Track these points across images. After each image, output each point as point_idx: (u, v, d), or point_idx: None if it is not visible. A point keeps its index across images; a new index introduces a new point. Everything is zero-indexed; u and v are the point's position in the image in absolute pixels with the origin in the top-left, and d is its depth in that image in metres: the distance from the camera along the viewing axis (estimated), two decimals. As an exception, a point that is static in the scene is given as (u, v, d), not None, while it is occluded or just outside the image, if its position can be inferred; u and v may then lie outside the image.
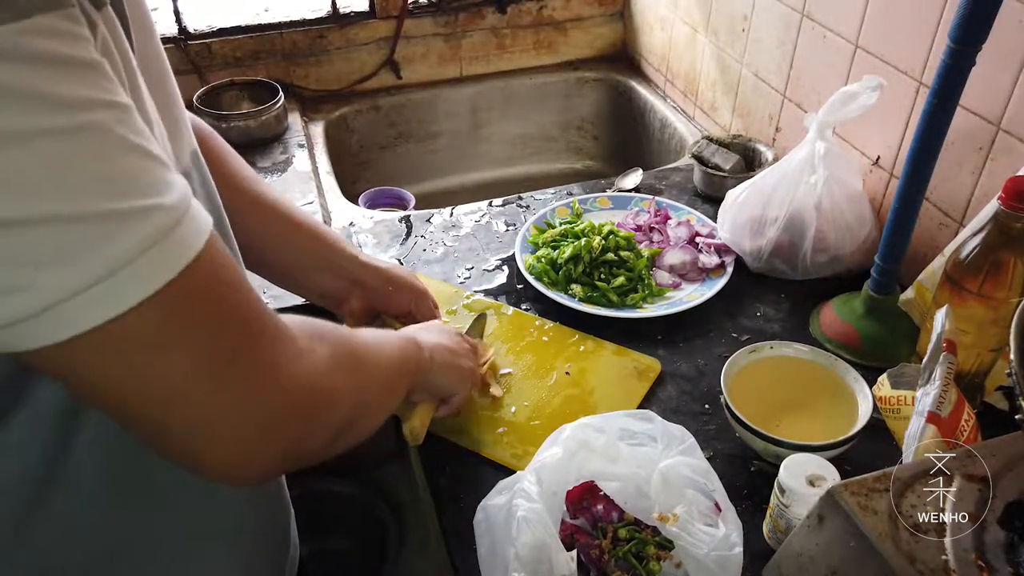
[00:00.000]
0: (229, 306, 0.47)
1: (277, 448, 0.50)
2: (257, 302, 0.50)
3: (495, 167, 2.01)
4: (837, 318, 1.07)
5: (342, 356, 0.58)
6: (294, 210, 0.88)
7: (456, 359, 0.85)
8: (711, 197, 1.38)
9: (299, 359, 0.52)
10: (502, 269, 1.22)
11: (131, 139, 0.42)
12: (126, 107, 0.42)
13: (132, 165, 0.41)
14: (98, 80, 0.41)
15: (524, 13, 1.87)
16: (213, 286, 0.46)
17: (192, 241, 0.44)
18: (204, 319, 0.45)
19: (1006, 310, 0.83)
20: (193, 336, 0.45)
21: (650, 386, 0.99)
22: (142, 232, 0.41)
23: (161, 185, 0.43)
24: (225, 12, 1.73)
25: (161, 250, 0.42)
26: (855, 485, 0.61)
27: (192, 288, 0.44)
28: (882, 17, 1.11)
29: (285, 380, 0.50)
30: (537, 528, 0.70)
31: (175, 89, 0.63)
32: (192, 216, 0.44)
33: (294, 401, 0.51)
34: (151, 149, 0.43)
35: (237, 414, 0.47)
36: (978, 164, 0.99)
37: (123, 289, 0.41)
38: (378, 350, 0.67)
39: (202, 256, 0.44)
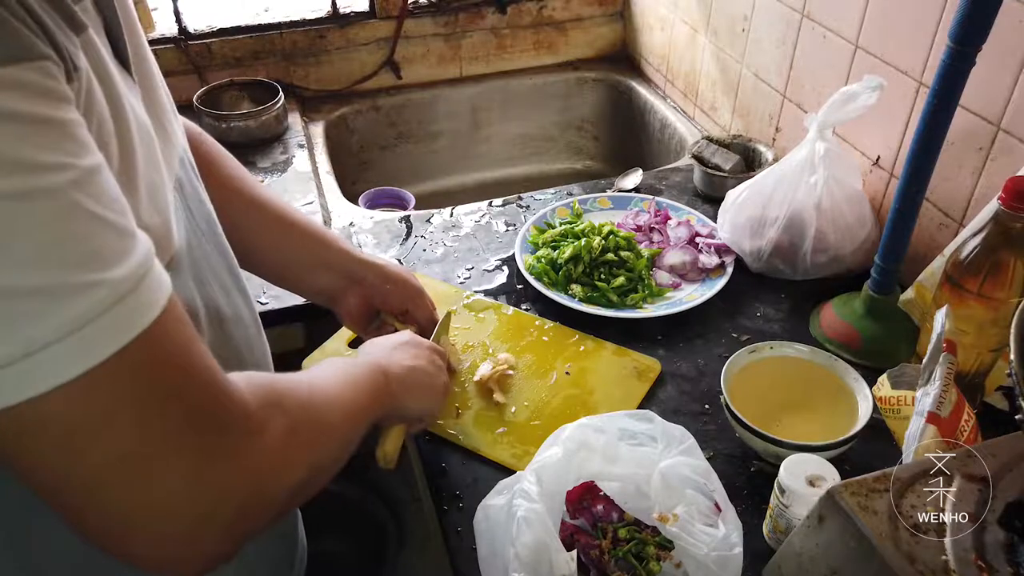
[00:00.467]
0: (176, 383, 0.44)
1: (214, 538, 0.46)
2: (212, 372, 0.46)
3: (495, 167, 2.01)
4: (837, 318, 1.07)
5: (299, 427, 0.53)
6: (289, 210, 0.88)
7: (428, 379, 0.81)
8: (711, 197, 1.38)
9: (251, 438, 0.48)
10: (502, 269, 1.22)
11: (85, 206, 0.39)
12: (89, 170, 0.40)
13: (79, 235, 0.39)
14: (60, 142, 0.39)
15: (524, 13, 1.87)
16: (159, 362, 0.43)
17: (135, 320, 0.41)
18: (144, 397, 0.42)
19: (1006, 310, 0.83)
20: (130, 415, 0.42)
21: (650, 386, 0.99)
22: (76, 309, 0.39)
23: (109, 257, 0.40)
24: (225, 12, 1.73)
25: (96, 329, 0.39)
26: (855, 485, 0.61)
27: (128, 369, 0.41)
28: (882, 17, 1.11)
29: (232, 467, 0.46)
30: (537, 528, 0.70)
31: (167, 95, 0.63)
32: (143, 289, 0.42)
33: (238, 488, 0.47)
34: (108, 216, 0.41)
35: (178, 497, 0.44)
36: (978, 164, 0.99)
37: (53, 366, 0.39)
38: (340, 400, 0.63)
39: (146, 334, 0.42)
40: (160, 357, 0.43)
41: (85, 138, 0.41)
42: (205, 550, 0.46)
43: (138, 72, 0.55)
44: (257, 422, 0.49)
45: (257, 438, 0.49)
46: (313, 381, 0.61)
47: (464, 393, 0.98)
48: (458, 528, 0.83)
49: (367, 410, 0.68)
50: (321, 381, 0.63)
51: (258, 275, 0.89)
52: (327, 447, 0.58)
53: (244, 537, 0.49)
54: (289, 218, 0.87)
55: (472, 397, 0.98)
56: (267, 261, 0.88)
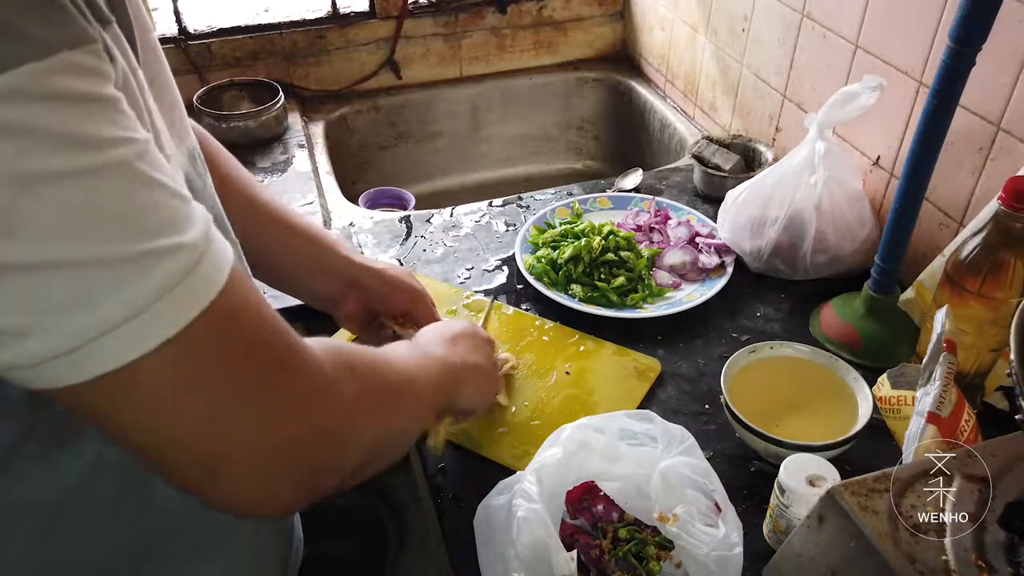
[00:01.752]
0: (251, 341, 0.46)
1: (294, 482, 0.50)
2: (282, 332, 0.49)
3: (495, 167, 2.01)
4: (837, 318, 1.07)
5: (369, 390, 0.56)
6: (289, 213, 0.88)
7: (486, 383, 0.84)
8: (711, 197, 1.38)
9: (322, 395, 0.51)
10: (502, 269, 1.22)
11: (152, 175, 0.42)
12: (145, 141, 0.42)
13: (153, 203, 0.41)
14: (118, 117, 0.41)
15: (524, 13, 1.87)
16: (235, 322, 0.45)
17: (213, 278, 0.44)
18: (226, 357, 0.45)
19: (1006, 310, 0.83)
20: (214, 375, 0.44)
21: (650, 386, 0.99)
22: (163, 273, 0.41)
23: (182, 222, 0.43)
24: (225, 12, 1.73)
25: (182, 290, 0.42)
26: (855, 485, 0.61)
27: (214, 327, 0.43)
28: (882, 17, 1.11)
29: (306, 412, 0.49)
30: (537, 528, 0.70)
31: (176, 93, 0.64)
32: (213, 252, 0.44)
33: (311, 434, 0.50)
34: (170, 184, 0.43)
35: (256, 449, 0.47)
36: (978, 164, 0.99)
37: (143, 332, 0.41)
38: (410, 383, 0.66)
39: (224, 293, 0.44)
40: (238, 312, 0.45)
41: (132, 113, 0.43)
42: (284, 497, 0.50)
43: (149, 69, 0.55)
44: (329, 379, 0.52)
45: (329, 393, 0.51)
46: (386, 354, 0.65)
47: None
48: (458, 528, 0.83)
49: (435, 398, 0.72)
50: (393, 357, 0.66)
51: (256, 278, 0.89)
52: (396, 415, 0.61)
53: (319, 488, 0.52)
54: (288, 221, 0.87)
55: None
56: (266, 264, 0.88)
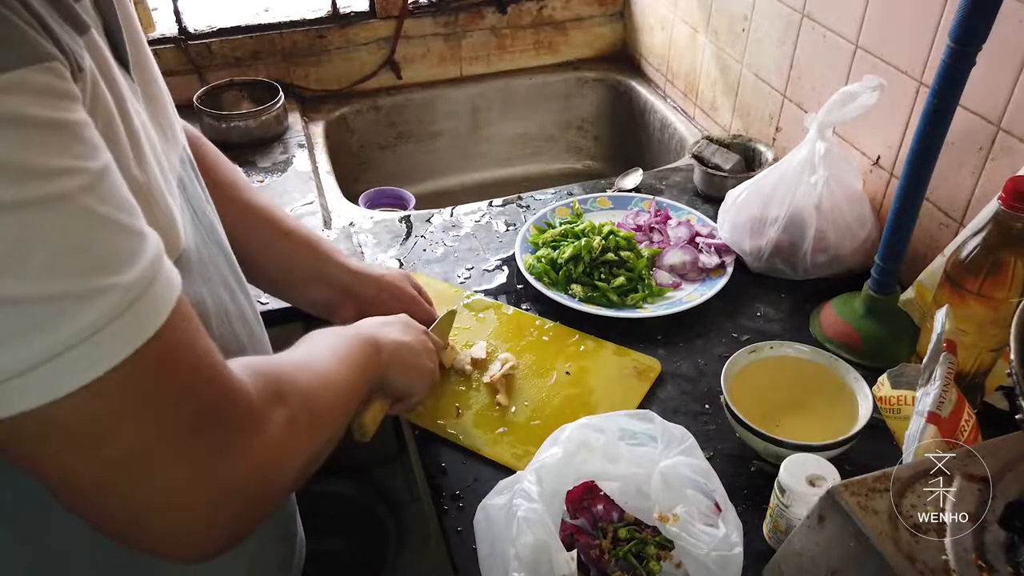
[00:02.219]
0: (182, 388, 0.45)
1: (225, 525, 0.48)
2: (216, 375, 0.47)
3: (495, 167, 2.01)
4: (837, 318, 1.07)
5: (299, 416, 0.55)
6: (285, 219, 0.88)
7: (416, 359, 0.81)
8: (711, 197, 1.38)
9: (254, 438, 0.49)
10: (502, 269, 1.22)
11: (96, 210, 0.40)
12: (99, 172, 0.40)
13: (91, 239, 0.40)
14: (70, 145, 0.39)
15: (524, 13, 1.87)
16: (166, 369, 0.44)
17: (147, 322, 0.42)
18: (152, 405, 0.43)
19: (1006, 310, 0.83)
20: (137, 423, 0.43)
21: (650, 386, 0.99)
22: (87, 318, 0.39)
23: (121, 259, 0.41)
24: (225, 12, 1.73)
25: (110, 333, 0.40)
26: (855, 485, 0.61)
27: (141, 371, 0.42)
28: (882, 17, 1.11)
29: (236, 465, 0.48)
30: (537, 528, 0.70)
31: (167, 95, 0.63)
32: (154, 292, 0.42)
33: (243, 485, 0.48)
34: (118, 218, 0.41)
35: (183, 498, 0.45)
36: (978, 164, 0.99)
37: (58, 377, 0.39)
38: (336, 376, 0.64)
39: (157, 336, 0.42)
40: (170, 356, 0.44)
41: (94, 139, 0.41)
42: (214, 538, 0.48)
43: (137, 72, 0.55)
44: (260, 416, 0.50)
45: (260, 433, 0.50)
46: (311, 364, 0.62)
47: (464, 393, 0.98)
48: (458, 528, 0.83)
49: (360, 385, 0.70)
50: (317, 363, 0.64)
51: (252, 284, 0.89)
52: (326, 431, 0.59)
53: (252, 524, 0.50)
54: (284, 228, 0.87)
55: (472, 397, 0.98)
56: (261, 270, 0.87)
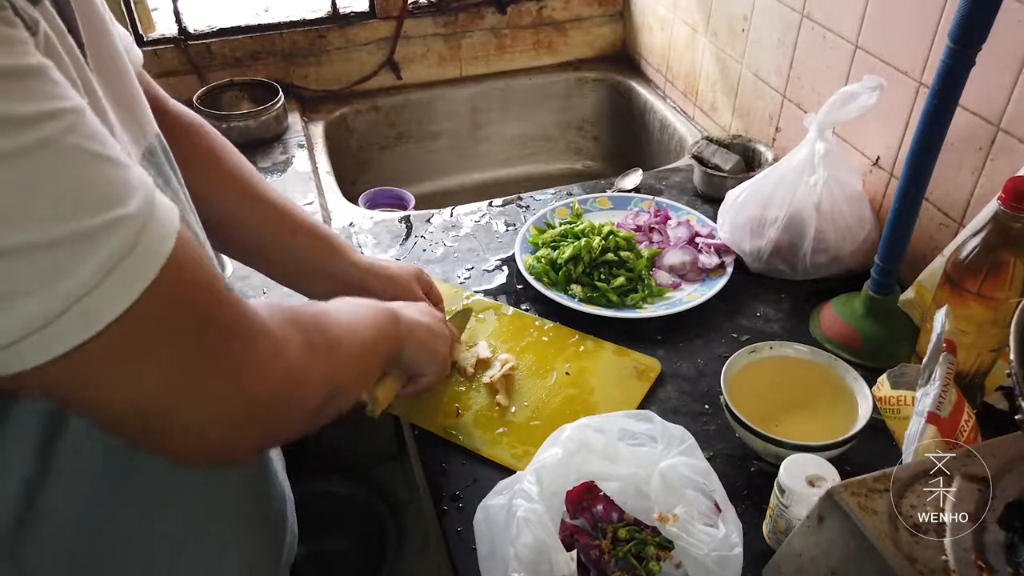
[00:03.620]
0: (200, 308, 0.47)
1: (254, 436, 0.53)
2: (228, 298, 0.49)
3: (495, 167, 2.01)
4: (837, 318, 1.07)
5: (317, 343, 0.58)
6: (294, 212, 0.88)
7: (433, 340, 0.83)
8: (711, 197, 1.38)
9: (274, 354, 0.52)
10: (502, 269, 1.22)
11: (85, 146, 0.40)
12: (76, 110, 0.40)
13: (88, 177, 0.40)
14: (43, 87, 0.39)
15: (524, 13, 1.87)
16: (184, 290, 0.45)
17: (159, 248, 0.43)
18: (177, 325, 0.45)
19: (1006, 310, 0.83)
20: (167, 344, 0.45)
21: (650, 386, 0.99)
22: (106, 250, 0.40)
23: (121, 191, 0.41)
24: (225, 12, 1.73)
25: (126, 267, 0.41)
26: (855, 485, 0.61)
27: (163, 297, 0.43)
28: (882, 17, 1.11)
29: (261, 376, 0.50)
30: (537, 528, 0.70)
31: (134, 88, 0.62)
32: (156, 219, 0.43)
33: (270, 395, 0.51)
34: (106, 152, 0.41)
35: (215, 412, 0.48)
36: (978, 164, 0.99)
37: (87, 317, 0.40)
38: (353, 327, 0.67)
39: (170, 261, 0.43)
40: (186, 281, 0.45)
41: (62, 79, 0.41)
42: (246, 446, 0.53)
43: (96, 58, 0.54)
44: (279, 337, 0.53)
45: (280, 350, 0.52)
46: (328, 308, 0.66)
47: (464, 393, 0.98)
48: (458, 528, 0.83)
49: (378, 345, 0.72)
50: (335, 311, 0.67)
51: (261, 272, 0.89)
52: (343, 368, 0.62)
53: (278, 436, 0.55)
54: (294, 221, 0.87)
55: (472, 397, 0.98)
56: (270, 263, 0.88)
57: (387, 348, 0.75)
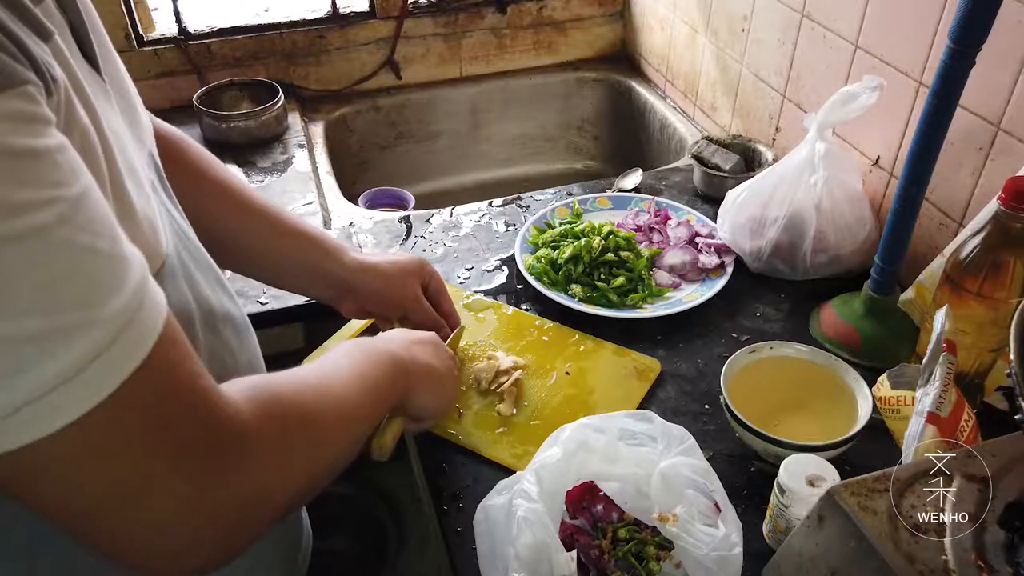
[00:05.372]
0: (170, 415, 0.44)
1: (218, 548, 0.48)
2: (202, 400, 0.46)
3: (495, 167, 2.01)
4: (837, 318, 1.07)
5: (297, 438, 0.54)
6: (281, 216, 0.87)
7: (440, 385, 0.80)
8: (711, 197, 1.38)
9: (246, 457, 0.48)
10: (502, 269, 1.22)
11: (76, 240, 0.39)
12: (77, 198, 0.39)
13: (73, 273, 0.39)
14: (46, 173, 0.38)
15: (524, 13, 1.87)
16: (153, 397, 0.43)
17: (131, 353, 0.41)
18: (135, 432, 0.42)
19: (1006, 310, 0.83)
20: (126, 453, 0.42)
21: (650, 386, 0.99)
22: (77, 351, 0.38)
23: (105, 288, 0.40)
24: (225, 12, 1.74)
25: (94, 370, 0.39)
26: (855, 485, 0.61)
27: (125, 402, 0.41)
28: (882, 17, 1.11)
29: (230, 481, 0.47)
30: (537, 528, 0.70)
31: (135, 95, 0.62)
32: (138, 320, 0.41)
33: (234, 505, 0.47)
34: (97, 244, 0.40)
35: (175, 521, 0.45)
36: (978, 164, 0.99)
37: (43, 416, 0.38)
38: (345, 400, 0.62)
39: (143, 365, 0.41)
40: (156, 385, 0.43)
41: (71, 162, 0.40)
42: (207, 557, 0.47)
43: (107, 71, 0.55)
44: (251, 440, 0.49)
45: (249, 458, 0.48)
46: (321, 382, 0.61)
47: (465, 394, 0.98)
48: (458, 528, 0.83)
49: (379, 406, 0.69)
50: (331, 381, 0.62)
51: (254, 278, 0.89)
52: (328, 453, 0.58)
53: (244, 544, 0.49)
54: (281, 226, 0.86)
55: (472, 397, 0.98)
56: (259, 267, 0.87)
57: (392, 401, 0.72)
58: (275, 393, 0.53)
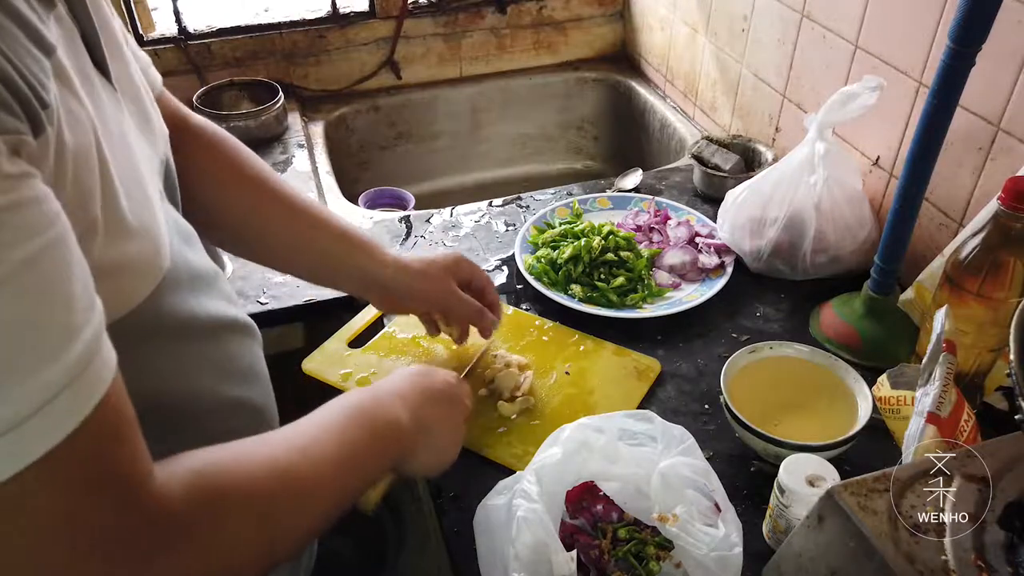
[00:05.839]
0: (88, 492, 0.41)
1: None
2: (128, 489, 0.43)
3: (495, 167, 2.01)
4: (837, 318, 1.07)
5: (245, 526, 0.51)
6: (315, 211, 0.87)
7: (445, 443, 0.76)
8: (711, 197, 1.38)
9: (170, 554, 0.45)
10: (502, 269, 1.22)
11: (9, 309, 0.37)
12: (22, 262, 0.38)
13: (14, 336, 0.37)
14: (12, 224, 0.37)
15: (524, 13, 1.87)
16: (73, 472, 0.40)
17: (51, 432, 0.39)
18: (52, 510, 0.40)
19: (1006, 310, 0.83)
20: (30, 538, 0.40)
21: (650, 386, 0.99)
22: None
23: (33, 363, 0.38)
24: (225, 12, 1.74)
25: (8, 441, 0.37)
26: (855, 485, 0.61)
27: (40, 481, 0.39)
28: (882, 17, 1.11)
29: (154, 572, 0.45)
30: (537, 528, 0.70)
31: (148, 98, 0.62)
32: (69, 397, 0.40)
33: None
34: (34, 316, 0.38)
35: None
36: (978, 164, 0.99)
37: None
38: (323, 475, 0.58)
39: (66, 444, 0.39)
40: (65, 474, 0.40)
41: (30, 219, 0.38)
42: None
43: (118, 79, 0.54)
44: (172, 534, 0.46)
45: (168, 553, 0.46)
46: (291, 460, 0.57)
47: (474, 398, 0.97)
48: (458, 528, 0.83)
49: (364, 477, 0.65)
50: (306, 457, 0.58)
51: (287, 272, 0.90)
52: (280, 544, 0.55)
53: None
54: (313, 219, 0.86)
55: (472, 398, 0.97)
56: (289, 262, 0.88)
57: (379, 472, 0.68)
58: (221, 481, 0.50)
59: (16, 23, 0.39)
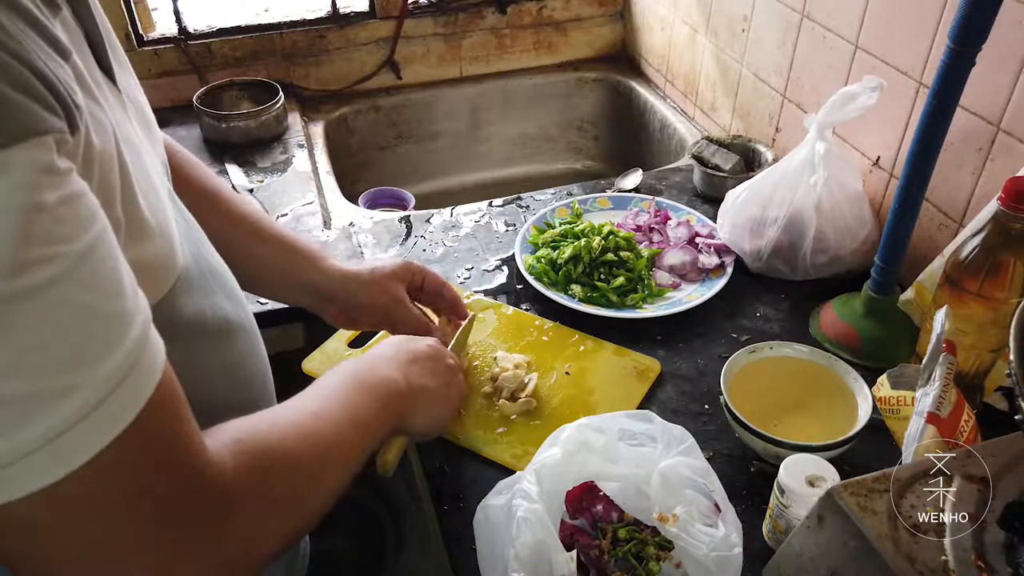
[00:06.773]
0: (143, 484, 0.42)
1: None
2: (186, 463, 0.45)
3: (495, 167, 2.01)
4: (837, 318, 1.07)
5: (287, 480, 0.54)
6: (264, 224, 0.87)
7: (437, 406, 0.79)
8: (711, 197, 1.38)
9: (227, 522, 0.47)
10: (502, 269, 1.22)
11: (72, 299, 0.38)
12: (81, 254, 0.39)
13: (63, 334, 0.38)
14: (49, 229, 0.37)
15: (524, 13, 1.87)
16: (141, 455, 0.42)
17: (113, 420, 0.40)
18: (106, 501, 0.41)
19: (1006, 310, 0.83)
20: (100, 516, 0.41)
21: (650, 386, 0.99)
22: (52, 420, 0.37)
23: (95, 352, 0.39)
24: (225, 12, 1.74)
25: (76, 433, 0.38)
26: (855, 485, 0.61)
27: (107, 466, 0.40)
28: (882, 17, 1.11)
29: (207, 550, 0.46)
30: (537, 528, 0.70)
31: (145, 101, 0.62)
32: (130, 382, 0.41)
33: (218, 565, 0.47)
34: (96, 304, 0.39)
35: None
36: (978, 164, 0.99)
37: (24, 477, 0.38)
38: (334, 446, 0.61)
39: (129, 432, 0.41)
40: (140, 450, 0.42)
41: (79, 213, 0.39)
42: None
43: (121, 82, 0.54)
44: (237, 498, 0.48)
45: (236, 515, 0.48)
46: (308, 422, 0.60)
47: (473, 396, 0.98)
48: (458, 528, 0.83)
49: (369, 437, 0.67)
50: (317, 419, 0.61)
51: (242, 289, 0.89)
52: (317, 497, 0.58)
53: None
54: (263, 233, 0.86)
55: (472, 398, 0.98)
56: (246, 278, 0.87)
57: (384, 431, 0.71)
58: (262, 445, 0.53)
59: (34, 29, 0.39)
